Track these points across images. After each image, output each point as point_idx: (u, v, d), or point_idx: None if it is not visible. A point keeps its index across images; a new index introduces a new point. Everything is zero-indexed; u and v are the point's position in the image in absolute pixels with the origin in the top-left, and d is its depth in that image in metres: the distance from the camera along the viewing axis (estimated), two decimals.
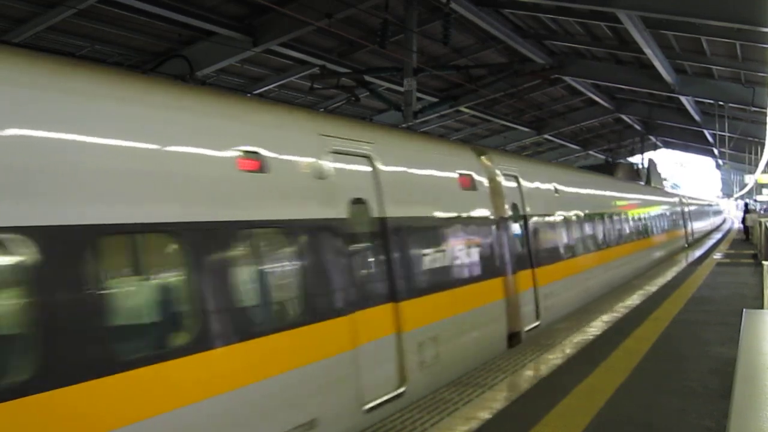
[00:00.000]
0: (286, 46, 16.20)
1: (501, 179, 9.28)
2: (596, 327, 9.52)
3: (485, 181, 8.75)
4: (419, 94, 17.33)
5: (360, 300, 5.70)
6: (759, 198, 63.62)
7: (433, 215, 7.34)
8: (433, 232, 7.26)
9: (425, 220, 7.14)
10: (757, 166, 36.55)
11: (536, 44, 19.57)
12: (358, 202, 5.98)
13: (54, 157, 3.65)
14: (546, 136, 33.13)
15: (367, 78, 17.30)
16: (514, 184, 9.80)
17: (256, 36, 15.23)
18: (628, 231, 17.56)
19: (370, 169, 6.30)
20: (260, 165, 4.93)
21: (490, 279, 8.37)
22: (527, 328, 9.20)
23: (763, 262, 10.84)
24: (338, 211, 5.66)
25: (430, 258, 6.98)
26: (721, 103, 23.48)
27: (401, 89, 15.21)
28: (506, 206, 9.21)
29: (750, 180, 49.89)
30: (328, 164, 5.68)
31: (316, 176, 5.51)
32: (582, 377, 6.72)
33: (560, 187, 12.22)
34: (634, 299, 12.27)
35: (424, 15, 15.49)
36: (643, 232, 19.73)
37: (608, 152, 35.03)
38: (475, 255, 8.07)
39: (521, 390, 6.38)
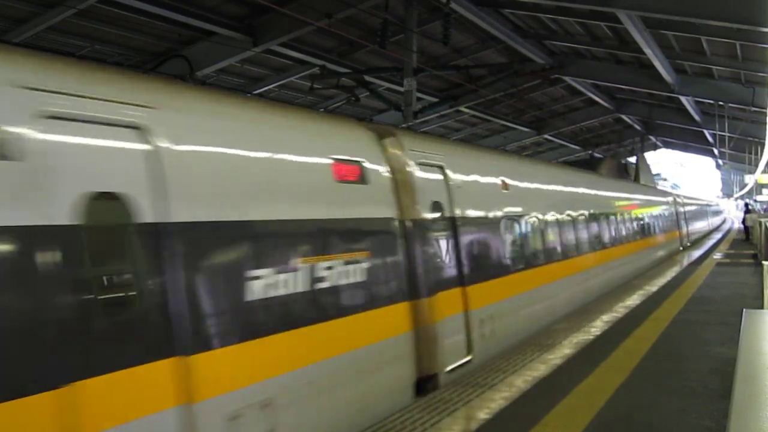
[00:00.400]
0: (286, 46, 16.21)
1: (415, 170, 7.17)
2: (596, 327, 9.52)
3: (386, 172, 6.75)
4: (419, 94, 17.35)
5: (102, 358, 3.61)
6: (759, 198, 63.76)
7: (272, 219, 5.12)
8: (269, 243, 5.03)
9: (252, 226, 4.89)
10: (757, 166, 36.58)
11: (536, 44, 19.57)
12: (107, 199, 3.88)
13: None
14: (546, 136, 33.14)
15: (367, 78, 17.33)
16: (437, 177, 7.68)
17: (256, 36, 15.25)
18: (605, 235, 15.16)
19: (143, 147, 4.13)
20: None
21: (384, 306, 6.21)
22: (450, 367, 7.05)
23: (763, 262, 10.86)
24: (51, 212, 3.54)
25: (262, 283, 4.78)
26: (721, 103, 23.46)
27: (401, 89, 15.23)
28: (419, 205, 7.06)
29: (750, 180, 49.95)
30: (34, 136, 3.56)
31: None
32: (582, 377, 6.71)
33: (511, 182, 9.85)
34: (634, 299, 12.27)
35: (424, 15, 15.50)
36: (625, 235, 17.25)
37: (594, 147, 34.40)
38: (356, 273, 5.83)
39: (521, 390, 6.38)
